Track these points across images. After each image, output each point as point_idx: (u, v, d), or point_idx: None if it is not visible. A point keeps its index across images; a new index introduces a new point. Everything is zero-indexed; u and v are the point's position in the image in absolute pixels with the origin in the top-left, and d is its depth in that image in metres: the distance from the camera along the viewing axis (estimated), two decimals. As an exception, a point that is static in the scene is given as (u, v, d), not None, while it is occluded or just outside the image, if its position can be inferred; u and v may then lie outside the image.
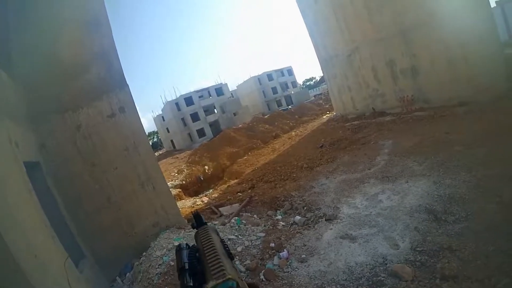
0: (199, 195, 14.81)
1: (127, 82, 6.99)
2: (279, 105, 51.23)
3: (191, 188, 17.29)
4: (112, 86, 6.69)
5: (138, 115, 7.10)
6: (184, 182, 17.74)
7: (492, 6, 14.14)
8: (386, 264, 3.85)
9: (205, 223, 1.49)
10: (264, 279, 4.43)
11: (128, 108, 6.85)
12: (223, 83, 50.54)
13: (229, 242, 5.81)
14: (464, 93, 10.12)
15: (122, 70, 6.87)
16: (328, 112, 24.18)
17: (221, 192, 11.61)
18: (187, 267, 1.07)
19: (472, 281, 3.02)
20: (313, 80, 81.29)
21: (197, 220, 1.56)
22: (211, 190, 14.97)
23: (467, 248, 3.60)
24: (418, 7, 10.63)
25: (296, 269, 4.50)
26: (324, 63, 17.38)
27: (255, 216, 7.35)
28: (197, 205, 10.96)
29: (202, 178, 18.46)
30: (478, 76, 9.81)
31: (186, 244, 1.21)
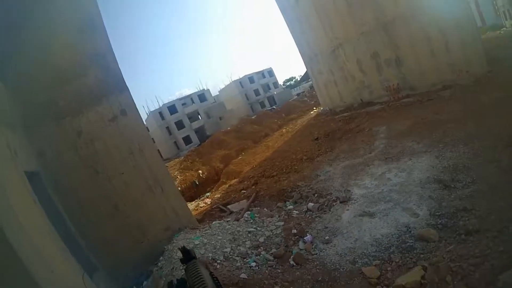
0: (198, 199, 14.77)
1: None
2: (262, 106, 51.64)
3: (187, 194, 17.21)
4: (111, 89, 6.56)
5: (141, 117, 7.04)
6: (179, 188, 17.62)
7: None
8: (411, 231, 4.14)
9: (194, 257, 1.59)
10: (295, 264, 4.60)
11: (129, 111, 6.72)
12: (205, 89, 50.58)
13: (249, 235, 5.93)
14: (447, 77, 10.73)
15: (121, 73, 6.76)
16: (315, 108, 24.64)
17: (223, 192, 11.68)
18: None
19: (493, 232, 3.33)
20: (293, 80, 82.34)
21: (185, 255, 1.65)
22: (209, 193, 14.97)
23: (481, 206, 3.94)
24: (397, 0, 11.18)
25: (323, 250, 4.71)
26: (308, 60, 17.80)
27: (265, 209, 7.48)
28: (201, 207, 11.02)
29: (197, 183, 18.44)
30: (459, 61, 10.45)
31: (177, 280, 1.31)
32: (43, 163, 5.63)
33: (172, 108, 45.37)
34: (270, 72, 58.17)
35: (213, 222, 6.99)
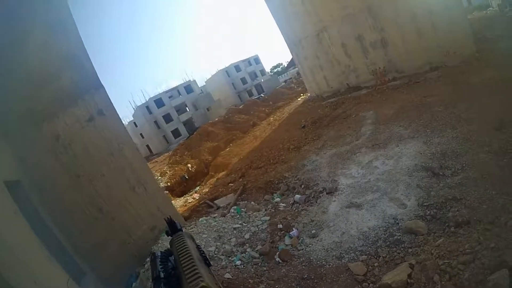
0: (187, 194, 14.55)
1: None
2: (250, 95, 51.07)
3: (178, 189, 16.95)
4: (86, 88, 6.31)
5: (119, 116, 6.79)
6: (169, 184, 17.35)
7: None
8: (398, 223, 3.98)
9: (180, 230, 1.44)
10: (281, 261, 4.45)
11: (107, 110, 6.51)
12: (192, 80, 49.71)
13: (235, 232, 5.77)
14: (435, 59, 10.55)
15: (95, 71, 6.52)
16: (302, 94, 24.35)
17: (211, 186, 11.45)
18: (162, 275, 1.02)
19: (484, 223, 3.17)
20: (281, 66, 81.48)
21: (171, 227, 1.51)
22: (198, 188, 14.72)
23: (471, 195, 3.78)
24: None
25: (310, 245, 4.55)
26: (293, 46, 17.40)
27: (252, 202, 7.31)
28: (189, 202, 10.76)
29: (186, 177, 18.14)
30: (446, 42, 10.22)
31: (161, 252, 1.14)
32: (24, 171, 5.40)
33: (159, 101, 44.49)
34: (257, 60, 57.35)
35: (200, 219, 6.85)
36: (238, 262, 4.64)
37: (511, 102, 5.67)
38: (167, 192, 15.22)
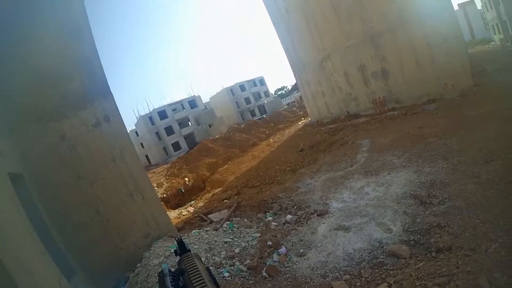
0: (181, 207, 14.56)
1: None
2: (252, 115, 51.72)
3: (173, 201, 16.94)
4: (96, 94, 6.53)
5: (124, 123, 7.00)
6: (165, 195, 17.36)
7: (455, 9, 15.37)
8: (383, 246, 4.10)
9: (189, 250, 1.54)
10: (267, 276, 4.53)
11: (113, 117, 6.70)
12: (196, 95, 50.49)
13: (225, 245, 5.85)
14: (433, 91, 10.95)
15: (106, 78, 6.76)
16: (303, 118, 24.79)
17: (206, 200, 11.53)
18: None
19: (465, 250, 3.30)
20: (285, 89, 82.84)
21: (180, 246, 1.60)
22: (193, 202, 14.76)
23: (455, 223, 3.93)
24: (385, 13, 11.44)
25: (296, 263, 4.64)
26: (298, 71, 17.96)
27: (245, 219, 7.41)
28: (183, 215, 10.81)
29: (183, 190, 18.17)
30: (444, 74, 10.67)
31: (169, 270, 1.25)
32: (27, 165, 5.57)
33: (162, 113, 45.07)
34: (262, 81, 58.51)
35: (192, 231, 6.93)
36: (226, 274, 4.71)
37: (503, 135, 5.93)
38: (162, 203, 15.23)
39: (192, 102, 49.26)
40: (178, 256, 1.52)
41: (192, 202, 14.24)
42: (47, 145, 5.95)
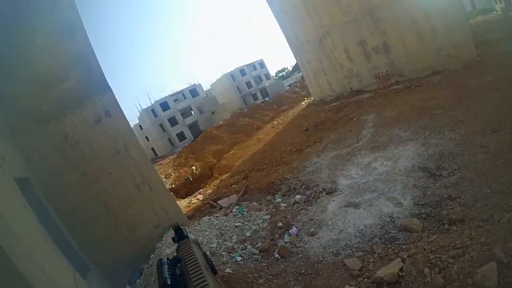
0: (190, 196, 14.71)
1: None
2: (255, 98, 51.35)
3: (182, 191, 17.14)
4: (94, 90, 6.48)
5: (125, 117, 6.97)
6: (173, 185, 17.56)
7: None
8: (394, 221, 4.07)
9: (187, 236, 1.49)
10: (279, 257, 4.55)
11: (113, 111, 6.67)
12: (197, 83, 50.13)
13: (236, 229, 5.90)
14: (436, 63, 10.65)
15: (103, 73, 6.67)
16: (306, 98, 24.50)
17: (215, 187, 11.62)
18: (169, 282, 1.07)
19: (478, 221, 3.26)
20: (285, 71, 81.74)
21: (178, 233, 1.57)
22: (202, 189, 14.90)
23: (466, 194, 3.87)
24: (383, -16, 11.01)
25: (308, 243, 4.65)
26: (297, 50, 17.59)
27: (254, 203, 7.44)
28: (193, 203, 10.93)
29: (191, 179, 18.33)
30: (446, 46, 10.33)
31: (167, 259, 1.21)
32: (31, 168, 5.60)
33: (164, 105, 45.01)
34: (261, 64, 57.71)
35: (203, 218, 7.00)
36: (239, 258, 4.76)
37: (509, 105, 5.78)
38: (172, 194, 15.39)
39: (193, 91, 48.97)
40: (176, 243, 1.51)
41: (201, 190, 14.37)
42: (50, 146, 5.97)
